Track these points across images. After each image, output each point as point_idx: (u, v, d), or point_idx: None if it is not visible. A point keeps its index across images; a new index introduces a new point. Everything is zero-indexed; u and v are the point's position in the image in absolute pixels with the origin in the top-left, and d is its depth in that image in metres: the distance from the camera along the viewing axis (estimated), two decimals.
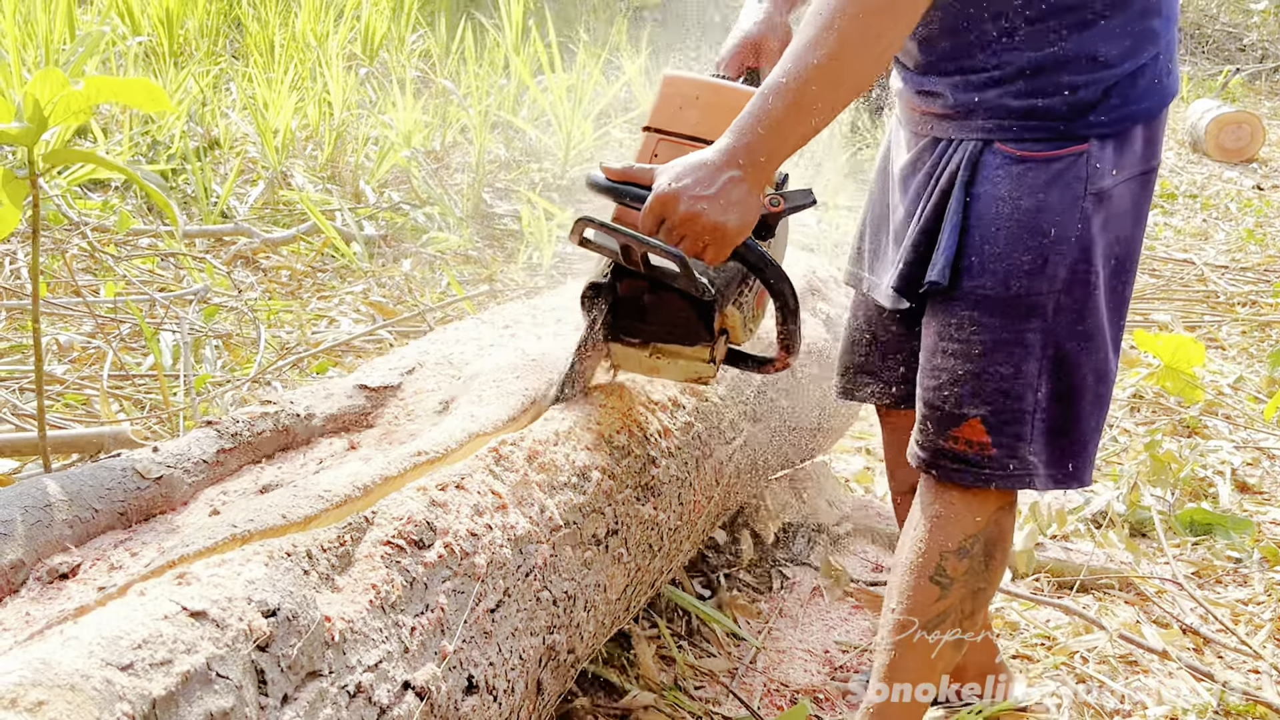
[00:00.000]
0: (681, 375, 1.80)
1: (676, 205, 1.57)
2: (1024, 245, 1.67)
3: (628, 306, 1.76)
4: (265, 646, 1.03)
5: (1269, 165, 8.97)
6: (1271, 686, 2.29)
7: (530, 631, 1.46)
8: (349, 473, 1.34)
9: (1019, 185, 1.68)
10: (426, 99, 6.92)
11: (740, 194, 1.57)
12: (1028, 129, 1.68)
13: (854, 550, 2.73)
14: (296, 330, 3.79)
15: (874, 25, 1.55)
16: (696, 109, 1.74)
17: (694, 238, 1.59)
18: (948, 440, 1.75)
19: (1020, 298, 1.68)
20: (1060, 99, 1.66)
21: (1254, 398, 3.89)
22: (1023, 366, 1.71)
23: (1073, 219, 1.66)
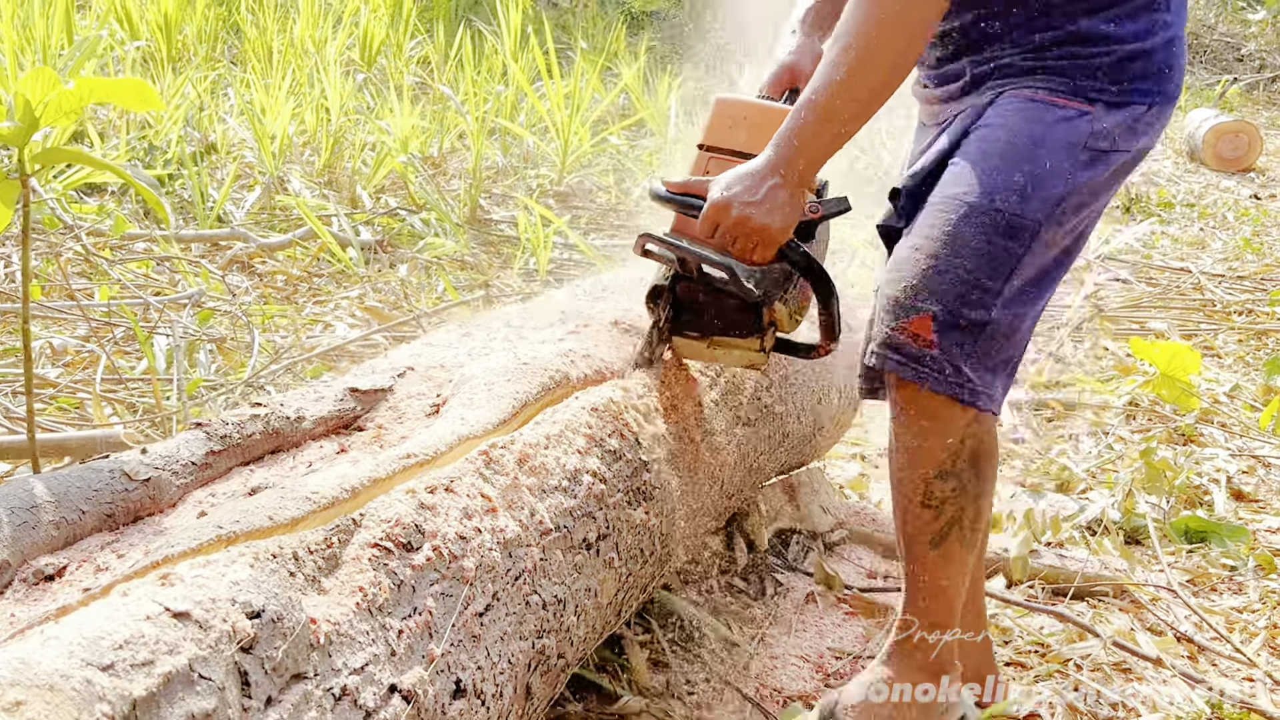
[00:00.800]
0: (737, 363, 2.03)
1: (729, 212, 1.79)
2: (1019, 164, 1.78)
3: (686, 305, 1.99)
4: (249, 648, 1.02)
5: (1266, 174, 8.98)
6: (1266, 694, 2.28)
7: (519, 635, 1.45)
8: (337, 475, 1.34)
9: (1026, 114, 1.81)
10: (424, 105, 6.92)
11: (783, 198, 1.78)
12: (1038, 81, 1.83)
13: (848, 557, 2.73)
14: (291, 335, 3.78)
15: (887, 44, 1.74)
16: (744, 128, 1.96)
17: (744, 239, 1.80)
18: (895, 330, 1.81)
19: (1001, 213, 1.77)
20: (1070, 63, 1.81)
21: (1250, 406, 3.89)
22: (985, 281, 1.78)
23: (1066, 163, 1.78)
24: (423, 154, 6.24)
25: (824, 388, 2.62)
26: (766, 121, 1.91)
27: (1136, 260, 6.03)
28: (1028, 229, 1.77)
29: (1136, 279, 5.68)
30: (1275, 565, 2.83)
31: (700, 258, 1.87)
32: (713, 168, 1.96)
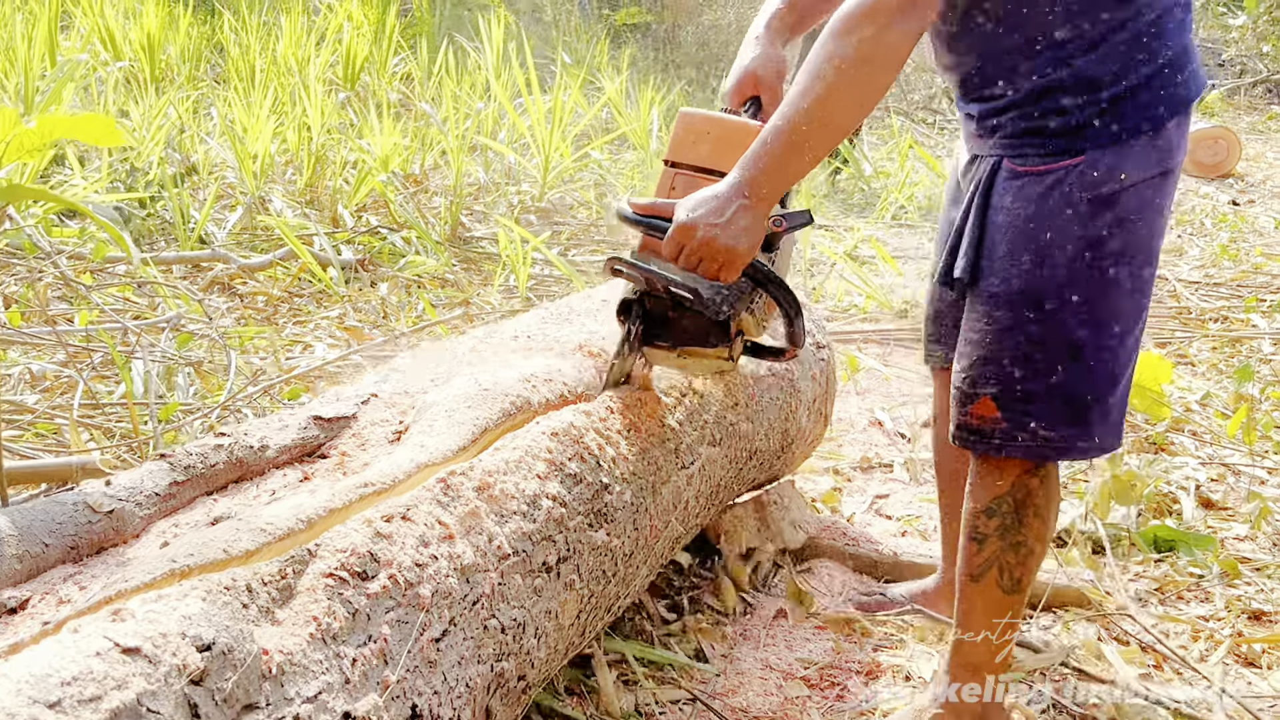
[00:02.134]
0: (705, 370, 2.15)
1: (694, 233, 1.85)
2: (1023, 247, 1.91)
3: (656, 317, 2.05)
4: (199, 680, 1.05)
5: (1245, 180, 9.04)
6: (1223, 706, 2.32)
7: (477, 659, 1.48)
8: (292, 505, 1.37)
9: (1018, 197, 1.92)
10: (405, 122, 6.95)
11: (748, 221, 1.85)
12: (1027, 146, 1.92)
13: (819, 572, 2.76)
14: (270, 356, 3.81)
15: (855, 77, 1.81)
16: (708, 143, 2.00)
17: (710, 259, 1.87)
18: (966, 416, 2.00)
19: (1024, 293, 1.92)
20: (1056, 120, 1.88)
21: (1221, 414, 3.92)
22: (1030, 353, 1.93)
23: (1069, 221, 1.88)
24: (404, 172, 6.28)
25: (792, 405, 2.65)
26: (729, 136, 1.98)
27: None
28: (1049, 296, 1.90)
29: None
30: (1240, 572, 2.87)
31: (666, 280, 1.92)
32: (678, 184, 2.02)
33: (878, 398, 4.02)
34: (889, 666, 2.40)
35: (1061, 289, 1.90)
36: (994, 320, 1.96)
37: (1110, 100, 1.86)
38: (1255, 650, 2.58)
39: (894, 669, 2.40)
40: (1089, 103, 1.86)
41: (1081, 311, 1.90)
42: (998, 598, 2.06)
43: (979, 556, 2.05)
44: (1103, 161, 1.87)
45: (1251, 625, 2.69)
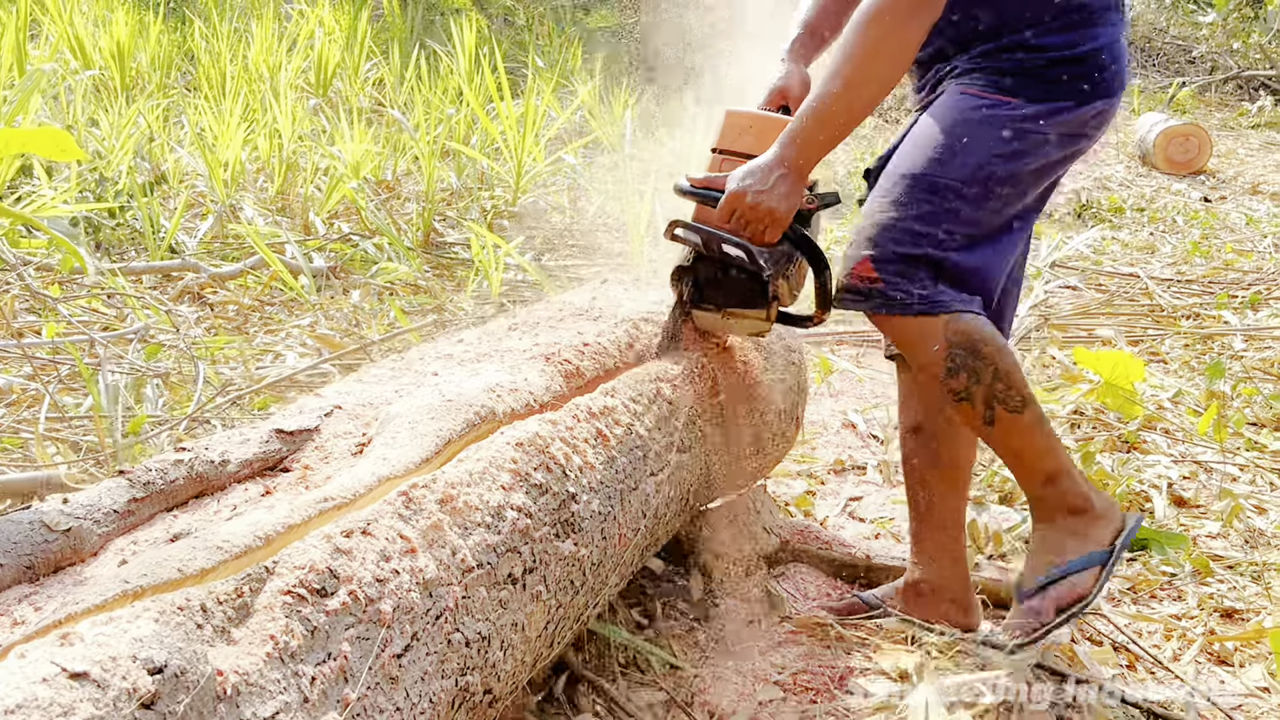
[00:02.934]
0: (746, 331, 2.42)
1: (744, 198, 2.17)
2: (939, 142, 2.18)
3: (704, 283, 2.37)
4: (150, 704, 1.03)
5: (1216, 177, 9.09)
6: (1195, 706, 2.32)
7: (441, 674, 1.47)
8: (250, 522, 1.35)
9: (953, 104, 2.22)
10: (377, 129, 6.93)
11: (787, 187, 2.16)
12: (974, 80, 2.23)
13: (792, 577, 2.75)
14: (240, 366, 3.79)
15: (875, 65, 2.12)
16: (751, 134, 2.34)
17: (756, 220, 2.18)
18: (847, 276, 2.22)
19: (924, 175, 2.17)
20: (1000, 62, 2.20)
21: (1193, 411, 3.94)
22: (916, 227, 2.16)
23: (986, 139, 2.16)
24: (376, 178, 6.26)
25: (763, 410, 2.64)
26: (769, 128, 2.29)
27: (1086, 266, 6.10)
28: (950, 189, 2.16)
29: (1086, 285, 5.75)
30: (1212, 570, 2.88)
31: (721, 239, 2.24)
32: (725, 167, 2.33)
33: (851, 400, 4.02)
34: (862, 669, 2.40)
35: (960, 185, 2.16)
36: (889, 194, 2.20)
37: (1050, 61, 2.17)
38: (1228, 649, 2.59)
39: (866, 671, 2.39)
40: (1032, 58, 2.18)
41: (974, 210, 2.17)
42: (1019, 424, 2.19)
43: (976, 409, 2.19)
44: (1030, 108, 2.17)
45: (1224, 623, 2.70)
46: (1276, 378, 4.29)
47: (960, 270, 2.19)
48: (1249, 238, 6.97)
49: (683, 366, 2.36)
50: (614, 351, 2.26)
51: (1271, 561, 2.93)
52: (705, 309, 2.40)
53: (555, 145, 7.15)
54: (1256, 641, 2.59)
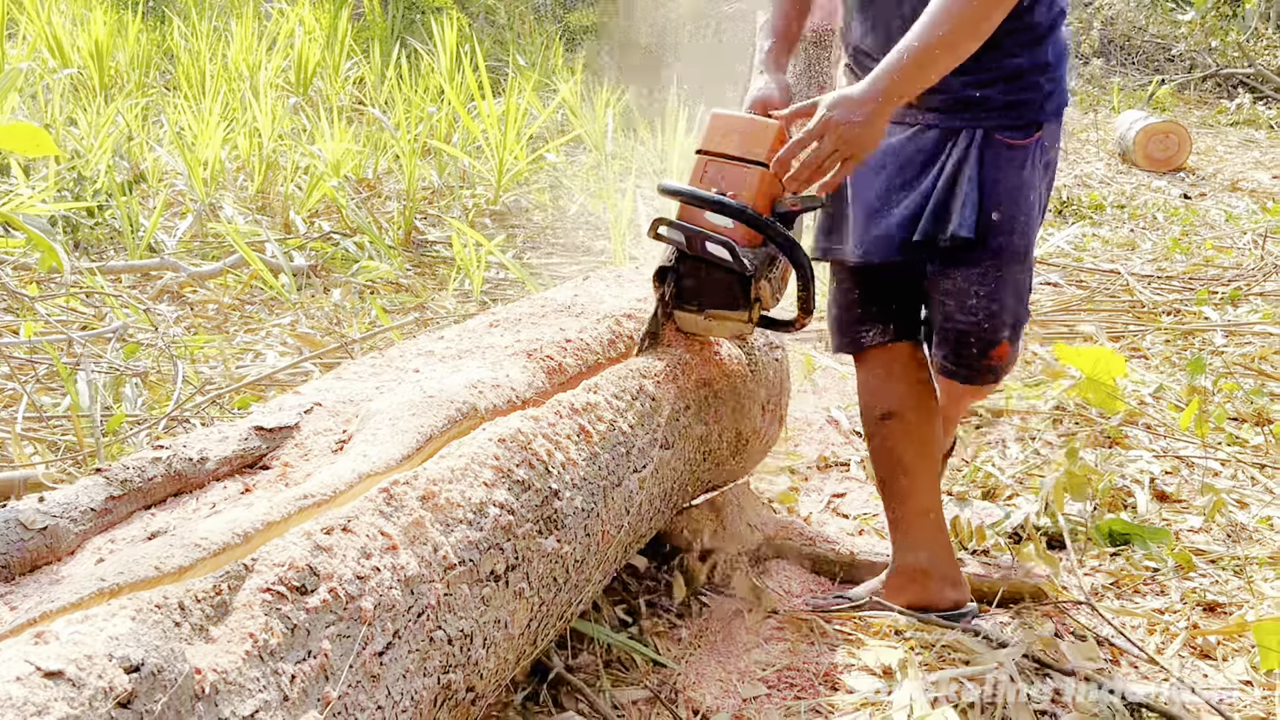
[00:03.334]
0: (728, 333, 2.46)
1: (834, 121, 2.14)
2: (1018, 209, 2.36)
3: (686, 283, 2.38)
4: (127, 703, 1.02)
5: (1196, 174, 9.12)
6: (1180, 698, 2.32)
7: (423, 672, 1.45)
8: (228, 519, 1.34)
9: (1010, 166, 2.35)
10: (358, 127, 6.91)
11: (879, 120, 2.16)
12: (1011, 118, 2.36)
13: (775, 573, 2.74)
14: (220, 365, 3.76)
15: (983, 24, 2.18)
16: (738, 137, 2.34)
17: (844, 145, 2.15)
18: (988, 359, 2.46)
19: (1020, 249, 2.39)
20: (1031, 94, 2.36)
21: (1174, 406, 3.95)
22: (1022, 297, 2.46)
23: (1034, 185, 2.39)
24: (357, 176, 6.23)
25: (746, 406, 2.64)
26: (754, 132, 2.32)
27: (1067, 263, 6.11)
28: (1028, 248, 2.42)
29: (1066, 282, 5.76)
30: (1195, 565, 2.88)
31: (705, 237, 2.26)
32: (710, 169, 2.35)
33: (834, 396, 4.02)
34: (846, 665, 2.39)
35: (1030, 241, 2.42)
36: (1003, 273, 2.38)
37: (1052, 81, 2.38)
38: (1210, 643, 2.59)
39: (851, 668, 2.39)
40: (1047, 81, 2.37)
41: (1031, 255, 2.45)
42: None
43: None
44: (1049, 131, 2.41)
45: (1207, 617, 2.70)
46: (1257, 373, 4.30)
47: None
48: (1228, 234, 6.99)
49: (665, 363, 2.35)
50: (596, 348, 2.24)
51: (1253, 556, 2.93)
52: (687, 309, 2.41)
53: (536, 143, 7.13)
54: (1239, 635, 2.59)
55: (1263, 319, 5.04)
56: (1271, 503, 3.23)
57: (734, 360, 2.58)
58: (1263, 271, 5.98)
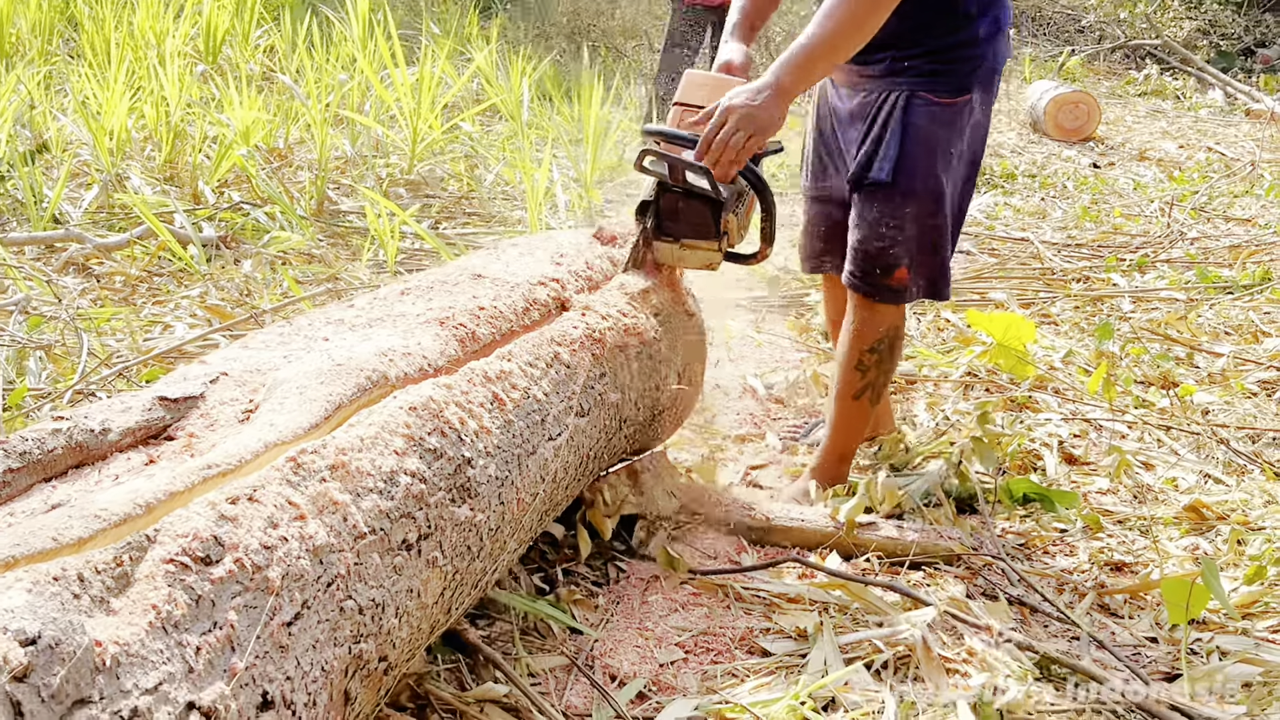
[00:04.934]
0: (699, 263, 2.72)
1: (734, 109, 2.52)
2: (934, 160, 2.78)
3: (664, 217, 2.68)
4: (23, 677, 0.99)
5: (1105, 143, 9.27)
6: (1089, 652, 2.37)
7: (334, 642, 1.44)
8: (129, 490, 1.31)
9: (934, 120, 2.77)
10: (268, 96, 6.78)
11: (775, 106, 2.53)
12: (938, 83, 2.76)
13: (691, 540, 2.75)
14: (127, 337, 3.69)
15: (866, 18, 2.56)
16: (706, 90, 2.69)
17: (745, 128, 2.51)
18: (889, 279, 2.86)
19: (932, 191, 2.80)
20: (958, 65, 2.75)
21: (1083, 371, 4.02)
22: (931, 233, 2.84)
23: (959, 142, 2.80)
24: (268, 146, 6.12)
25: (662, 373, 2.64)
26: (720, 86, 2.64)
27: (979, 232, 6.19)
28: (944, 192, 2.82)
29: (979, 250, 5.83)
30: (1102, 525, 2.94)
31: (686, 165, 2.55)
32: (685, 118, 2.68)
33: (750, 364, 4.04)
34: (762, 629, 2.41)
35: (951, 188, 2.83)
36: (910, 211, 2.80)
37: (980, 55, 2.76)
38: (1118, 601, 2.65)
39: (767, 631, 2.41)
40: (974, 55, 2.76)
41: (954, 204, 2.87)
42: (865, 409, 3.02)
43: (862, 382, 2.96)
44: (978, 96, 2.80)
45: (1114, 576, 2.77)
46: (1163, 338, 4.40)
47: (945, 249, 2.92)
48: (1136, 203, 7.13)
49: (580, 330, 2.34)
50: (510, 315, 2.23)
51: (1159, 516, 3.00)
52: (664, 240, 2.69)
53: (451, 113, 7.06)
54: (1145, 593, 2.65)
55: (1169, 285, 5.15)
56: (1177, 464, 3.31)
57: (650, 328, 2.58)
58: (1169, 239, 6.10)
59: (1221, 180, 7.71)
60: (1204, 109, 11.17)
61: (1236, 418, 3.65)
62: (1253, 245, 5.92)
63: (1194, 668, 2.31)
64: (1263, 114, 10.61)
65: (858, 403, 2.98)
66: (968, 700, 2.11)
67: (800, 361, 4.04)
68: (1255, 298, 4.89)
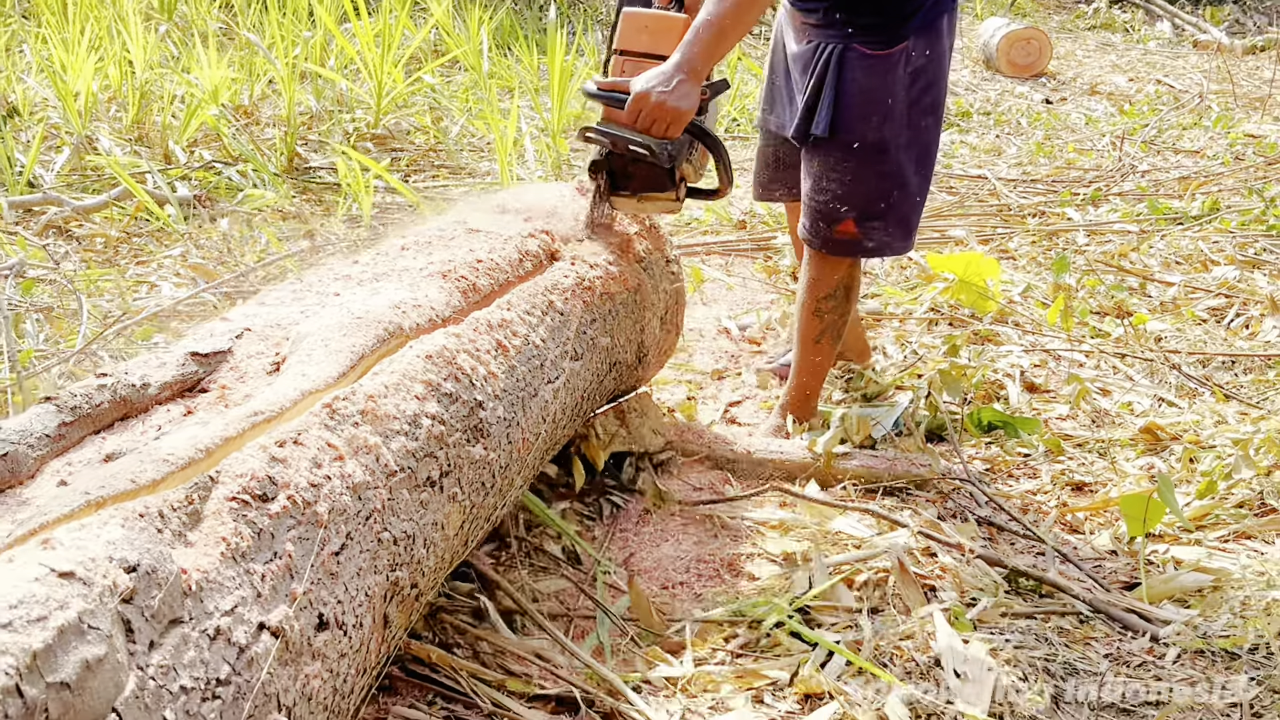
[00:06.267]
0: (660, 210, 2.77)
1: (649, 99, 2.53)
2: (872, 111, 2.83)
3: (618, 172, 2.68)
4: (129, 599, 1.13)
5: (1057, 79, 9.42)
6: (1054, 565, 2.54)
7: (374, 570, 1.58)
8: (189, 436, 1.44)
9: (869, 74, 2.81)
10: (229, 52, 6.80)
11: (687, 89, 2.54)
12: (870, 36, 2.79)
13: (677, 474, 2.90)
14: (118, 298, 3.78)
15: None
16: (648, 34, 2.66)
17: (661, 119, 2.55)
18: (833, 233, 2.95)
19: (874, 143, 2.85)
20: (891, 15, 2.79)
21: (1041, 303, 4.19)
22: (878, 185, 2.90)
23: (900, 91, 2.83)
24: (234, 103, 6.17)
25: (646, 318, 2.77)
26: (665, 27, 2.64)
27: (937, 171, 6.32)
28: (890, 144, 2.86)
29: (937, 188, 5.98)
30: (1063, 449, 3.11)
31: (626, 140, 2.57)
32: (627, 68, 2.65)
33: (724, 306, 4.18)
34: (749, 555, 2.57)
35: (897, 138, 2.86)
36: (851, 164, 2.87)
37: (916, 5, 2.79)
38: (1079, 519, 2.82)
39: (754, 557, 2.56)
40: (910, 6, 2.79)
41: (908, 153, 2.89)
42: (827, 349, 3.12)
43: (820, 326, 3.08)
44: (919, 42, 2.82)
45: (1075, 496, 2.94)
46: (1117, 269, 4.57)
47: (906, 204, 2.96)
48: (1088, 137, 7.29)
49: (571, 280, 2.47)
50: (506, 267, 2.35)
51: (1116, 438, 3.17)
52: (621, 195, 2.72)
53: (413, 66, 7.11)
54: (1104, 510, 2.83)
55: (1122, 218, 5.32)
56: (1132, 390, 3.49)
57: (634, 275, 2.71)
58: (1120, 173, 6.27)
59: (1171, 113, 7.89)
60: (1152, 41, 11.33)
61: (1188, 344, 3.83)
62: (1201, 177, 6.10)
63: (1151, 576, 2.49)
64: (1210, 45, 10.79)
65: (818, 345, 3.09)
66: (943, 611, 2.28)
67: (770, 303, 4.18)
68: (1204, 228, 5.07)
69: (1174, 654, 2.23)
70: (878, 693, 2.08)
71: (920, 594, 2.38)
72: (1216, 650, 2.22)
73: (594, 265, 2.58)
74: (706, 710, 2.04)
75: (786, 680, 2.12)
